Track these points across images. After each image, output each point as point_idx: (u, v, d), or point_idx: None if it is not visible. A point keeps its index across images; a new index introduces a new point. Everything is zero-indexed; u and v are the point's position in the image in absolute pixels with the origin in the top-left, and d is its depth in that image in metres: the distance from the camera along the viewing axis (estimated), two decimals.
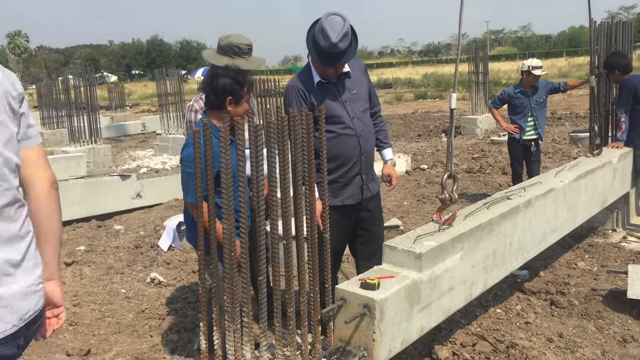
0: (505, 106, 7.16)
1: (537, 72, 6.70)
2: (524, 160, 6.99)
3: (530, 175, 6.74)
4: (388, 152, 3.79)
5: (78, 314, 4.56)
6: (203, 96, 3.83)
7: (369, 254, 3.58)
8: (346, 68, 3.43)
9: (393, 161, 3.81)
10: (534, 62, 6.87)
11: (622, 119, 5.79)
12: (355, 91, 3.47)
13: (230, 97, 3.10)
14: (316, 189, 2.81)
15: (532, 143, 6.88)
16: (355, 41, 3.36)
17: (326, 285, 2.72)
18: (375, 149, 3.73)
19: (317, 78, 3.39)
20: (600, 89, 6.02)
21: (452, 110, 3.33)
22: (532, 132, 6.89)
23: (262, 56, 4.00)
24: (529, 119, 6.85)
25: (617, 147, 5.72)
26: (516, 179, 6.94)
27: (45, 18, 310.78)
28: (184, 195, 3.13)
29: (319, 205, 2.77)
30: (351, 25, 3.27)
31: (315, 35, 3.27)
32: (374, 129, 3.65)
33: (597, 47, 6.01)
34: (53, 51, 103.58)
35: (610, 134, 6.19)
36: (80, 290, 5.06)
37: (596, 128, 5.53)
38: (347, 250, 4.02)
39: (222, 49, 3.73)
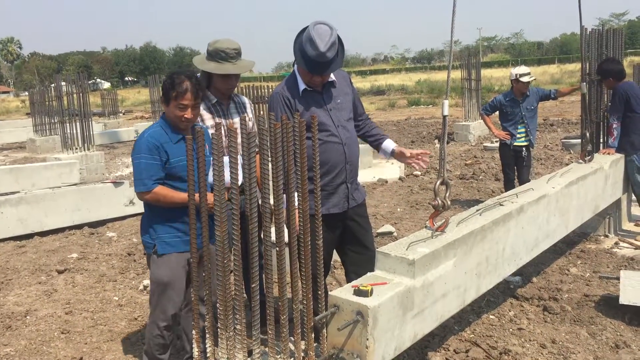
0: (497, 113, 7.21)
1: (525, 79, 6.77)
2: (515, 166, 7.04)
3: (520, 181, 6.78)
4: (390, 142, 3.68)
5: (70, 321, 4.53)
6: None
7: (359, 263, 3.55)
8: (331, 77, 3.44)
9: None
10: (521, 69, 6.93)
11: (614, 126, 5.83)
12: (340, 100, 3.47)
13: (162, 96, 3.16)
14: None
15: (523, 149, 6.92)
16: (342, 50, 3.35)
17: (319, 292, 2.72)
18: (376, 144, 3.67)
19: (302, 86, 3.39)
20: (592, 96, 6.06)
21: (444, 117, 3.34)
22: (523, 138, 6.93)
23: (256, 62, 4.00)
24: (520, 126, 6.89)
25: (608, 154, 5.75)
26: (508, 184, 6.98)
27: (38, 24, 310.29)
28: (135, 187, 3.13)
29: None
30: (338, 35, 3.28)
31: (303, 44, 3.26)
32: (357, 139, 3.65)
33: (588, 54, 6.06)
34: (46, 58, 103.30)
35: (601, 140, 6.23)
36: (73, 298, 5.04)
37: (588, 134, 5.56)
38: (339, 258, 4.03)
39: (209, 55, 3.74)
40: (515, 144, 6.90)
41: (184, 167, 3.02)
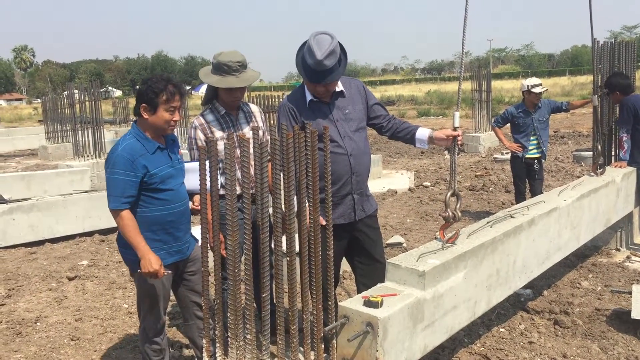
0: (509, 125, 7.18)
1: (536, 90, 6.74)
2: (527, 178, 7.00)
3: (532, 194, 6.74)
4: (423, 130, 3.53)
5: (80, 328, 4.55)
6: (204, 112, 3.87)
7: (367, 274, 3.54)
8: (339, 87, 3.43)
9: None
10: (532, 80, 6.89)
11: (624, 138, 5.80)
12: (348, 111, 3.45)
13: (144, 105, 3.03)
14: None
15: (535, 161, 6.88)
16: (344, 59, 3.35)
17: (329, 303, 2.72)
18: (409, 137, 3.55)
19: (309, 97, 3.40)
20: (604, 108, 6.03)
21: (455, 129, 3.33)
22: (535, 150, 6.90)
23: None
24: (532, 137, 6.85)
25: (620, 167, 5.72)
26: (519, 196, 6.93)
27: (52, 33, 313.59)
28: (109, 203, 3.03)
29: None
30: (340, 44, 3.29)
31: (304, 54, 3.28)
32: (369, 150, 3.62)
33: (600, 67, 6.04)
34: (59, 66, 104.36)
35: (613, 153, 6.20)
36: (83, 305, 5.06)
37: (599, 147, 5.53)
38: (349, 267, 4.03)
39: (214, 67, 3.75)
40: (527, 156, 6.87)
41: (165, 177, 3.05)
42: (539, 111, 6.86)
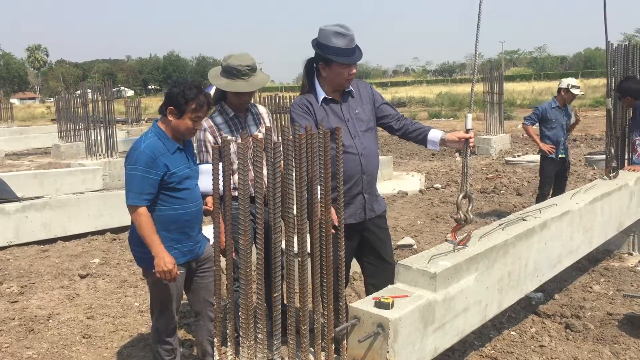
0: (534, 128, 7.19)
1: (575, 91, 6.86)
2: (556, 179, 7.00)
3: (558, 193, 6.69)
4: (435, 131, 3.51)
5: (91, 326, 4.58)
6: (213, 114, 3.88)
7: (376, 274, 3.55)
8: (349, 87, 3.46)
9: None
10: (573, 81, 6.98)
11: (637, 142, 5.76)
12: (358, 111, 3.47)
13: (172, 107, 3.07)
14: None
15: (565, 161, 6.99)
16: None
17: (340, 303, 2.72)
18: (421, 138, 3.53)
19: (322, 95, 3.40)
20: (617, 112, 6.00)
21: (467, 131, 3.33)
22: (563, 150, 6.95)
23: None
24: (561, 134, 6.93)
25: (633, 170, 5.68)
26: (542, 199, 6.84)
27: (65, 33, 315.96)
28: (127, 199, 3.04)
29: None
30: None
31: (329, 41, 3.27)
32: (378, 150, 3.64)
33: (613, 70, 6.00)
34: (72, 65, 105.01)
35: (626, 156, 6.16)
36: (94, 303, 5.09)
37: (612, 150, 5.49)
38: (359, 268, 4.03)
39: (223, 70, 3.76)
40: (560, 155, 6.90)
41: (183, 177, 3.08)
42: (566, 111, 6.99)
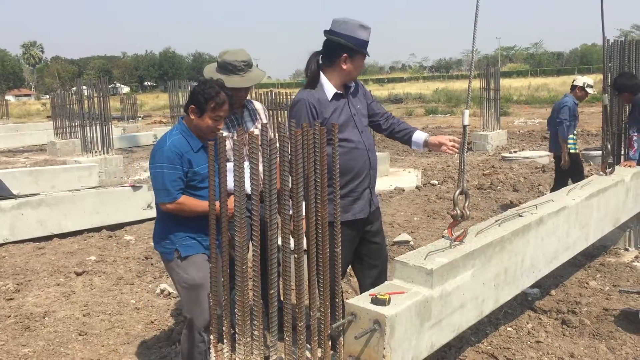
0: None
1: (590, 90, 7.10)
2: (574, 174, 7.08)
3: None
4: (420, 133, 3.63)
5: (88, 324, 4.57)
6: None
7: (376, 266, 3.59)
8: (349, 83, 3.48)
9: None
10: (589, 80, 7.18)
11: (635, 138, 5.77)
12: (359, 106, 3.49)
13: (192, 106, 3.07)
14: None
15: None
16: None
17: (336, 300, 2.72)
18: (406, 138, 3.62)
19: (333, 90, 3.33)
20: (613, 107, 6.00)
21: (464, 127, 3.32)
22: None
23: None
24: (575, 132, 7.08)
25: (630, 166, 5.69)
26: None
27: (60, 29, 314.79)
28: (157, 197, 3.09)
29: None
30: None
31: (355, 33, 3.27)
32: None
33: (610, 65, 6.00)
34: (67, 62, 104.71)
35: (622, 152, 6.17)
36: (90, 300, 5.08)
37: (609, 146, 5.50)
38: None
39: (219, 66, 3.75)
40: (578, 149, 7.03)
41: (204, 176, 3.05)
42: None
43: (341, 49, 3.28)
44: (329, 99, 3.32)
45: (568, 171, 7.06)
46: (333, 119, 3.29)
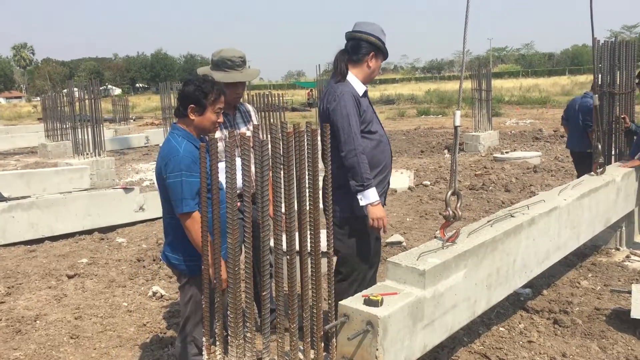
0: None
1: None
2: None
3: None
4: None
5: (79, 327, 4.55)
6: None
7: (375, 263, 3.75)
8: None
9: None
10: None
11: None
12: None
13: (192, 105, 3.00)
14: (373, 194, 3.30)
15: None
16: None
17: (329, 301, 2.72)
18: None
19: (362, 87, 3.52)
20: (604, 108, 6.03)
21: (456, 128, 3.34)
22: None
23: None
24: None
25: (633, 165, 5.66)
26: None
27: (51, 31, 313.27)
28: (179, 208, 2.91)
29: (379, 211, 3.34)
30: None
31: (381, 36, 3.52)
32: None
33: (600, 66, 6.04)
34: (58, 64, 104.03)
35: (613, 152, 6.19)
36: (82, 303, 5.05)
37: (600, 146, 5.52)
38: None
39: (215, 64, 3.76)
40: None
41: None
42: None
43: (369, 47, 3.49)
44: (360, 95, 3.49)
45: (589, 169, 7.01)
46: (367, 112, 3.48)
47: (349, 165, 3.31)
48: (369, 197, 3.33)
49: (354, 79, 3.49)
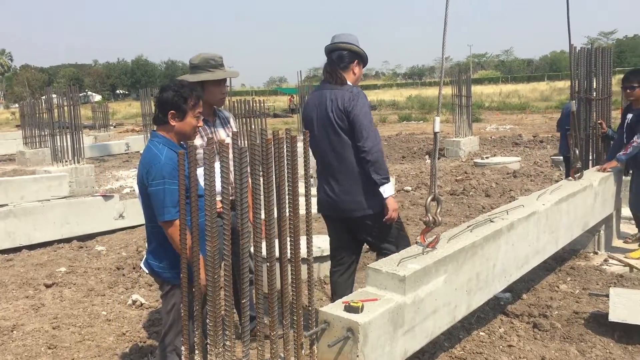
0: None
1: None
2: None
3: None
4: None
5: (57, 336, 4.48)
6: None
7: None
8: None
9: None
10: None
11: (635, 144, 5.67)
12: None
13: (172, 111, 2.97)
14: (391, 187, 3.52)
15: None
16: None
17: (310, 308, 2.71)
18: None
19: None
20: (581, 114, 6.11)
21: (435, 134, 3.35)
22: None
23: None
24: None
25: (607, 168, 5.72)
26: None
27: (30, 37, 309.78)
28: (161, 216, 2.89)
29: (395, 203, 3.64)
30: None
31: (359, 44, 3.80)
32: None
33: (577, 72, 6.12)
34: (37, 70, 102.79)
35: (590, 157, 6.28)
36: (60, 312, 4.98)
37: (577, 151, 5.59)
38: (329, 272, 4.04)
39: (197, 67, 3.79)
40: None
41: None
42: None
43: (352, 55, 3.77)
44: None
45: None
46: None
47: (374, 160, 3.56)
48: (390, 189, 3.65)
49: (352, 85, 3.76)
